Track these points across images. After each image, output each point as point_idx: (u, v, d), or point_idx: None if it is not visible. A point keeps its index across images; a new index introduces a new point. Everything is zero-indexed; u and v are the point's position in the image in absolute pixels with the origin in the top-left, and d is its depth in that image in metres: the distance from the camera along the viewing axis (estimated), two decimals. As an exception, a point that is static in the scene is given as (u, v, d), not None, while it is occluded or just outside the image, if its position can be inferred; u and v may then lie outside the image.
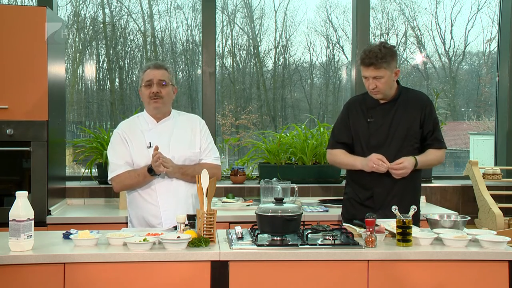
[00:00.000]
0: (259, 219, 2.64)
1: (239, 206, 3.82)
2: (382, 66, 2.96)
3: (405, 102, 3.11)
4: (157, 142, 3.03)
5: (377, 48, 2.98)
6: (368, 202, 3.11)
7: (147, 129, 3.10)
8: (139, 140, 3.07)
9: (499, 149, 4.82)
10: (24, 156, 3.53)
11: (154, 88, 3.03)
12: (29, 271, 2.37)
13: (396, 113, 3.09)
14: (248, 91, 5.26)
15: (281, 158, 4.37)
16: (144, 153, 3.04)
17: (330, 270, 2.48)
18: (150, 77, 3.05)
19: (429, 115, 3.10)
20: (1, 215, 3.13)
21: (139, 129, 3.10)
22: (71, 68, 4.96)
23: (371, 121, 3.11)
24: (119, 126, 3.17)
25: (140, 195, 3.06)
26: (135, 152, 3.05)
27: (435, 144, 3.11)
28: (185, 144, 3.10)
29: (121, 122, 3.22)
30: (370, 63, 2.96)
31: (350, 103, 3.24)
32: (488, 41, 5.22)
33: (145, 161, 3.01)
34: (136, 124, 3.13)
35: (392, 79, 3.03)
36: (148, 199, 3.05)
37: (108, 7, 4.98)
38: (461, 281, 2.51)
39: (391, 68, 3.00)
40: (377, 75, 2.98)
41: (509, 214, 4.15)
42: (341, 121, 3.21)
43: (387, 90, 3.04)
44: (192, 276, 2.43)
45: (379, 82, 2.99)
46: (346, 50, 5.17)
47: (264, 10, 5.12)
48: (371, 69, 2.98)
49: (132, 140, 3.07)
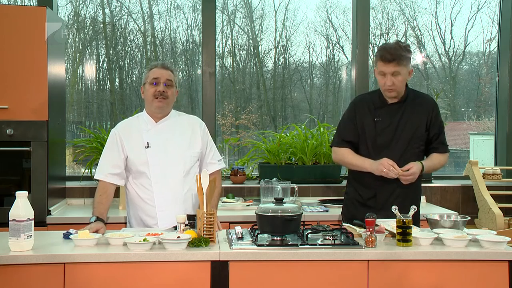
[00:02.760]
0: (259, 219, 2.64)
1: (239, 206, 3.82)
2: (402, 62, 2.95)
3: (412, 104, 3.10)
4: (155, 142, 3.03)
5: (397, 45, 2.99)
6: (370, 202, 3.10)
7: (146, 129, 3.09)
8: (137, 140, 3.06)
9: (499, 149, 4.83)
10: (24, 156, 3.53)
11: (161, 87, 3.01)
12: (29, 271, 2.37)
13: (404, 115, 3.08)
14: (248, 91, 5.26)
15: (281, 158, 4.37)
16: (142, 153, 3.03)
17: (330, 270, 2.48)
18: (157, 75, 3.03)
19: (436, 119, 3.11)
20: (1, 215, 3.13)
21: (137, 129, 3.10)
22: (71, 68, 4.96)
23: (378, 121, 3.09)
24: (117, 126, 3.16)
25: (138, 194, 3.06)
26: (132, 152, 3.04)
27: (440, 148, 3.12)
28: (185, 144, 3.09)
29: (120, 122, 3.21)
30: (392, 59, 2.94)
31: (358, 101, 3.21)
32: (488, 41, 5.23)
33: (142, 161, 3.01)
34: (135, 124, 3.13)
35: (407, 78, 3.03)
36: (145, 199, 3.05)
37: (108, 7, 4.98)
38: (461, 281, 2.51)
39: (408, 66, 3.01)
40: (397, 71, 2.95)
41: (509, 214, 4.15)
42: (348, 118, 3.17)
43: (401, 88, 3.04)
44: (192, 276, 2.43)
45: (397, 79, 2.97)
46: (346, 50, 5.17)
47: (264, 10, 5.13)
48: (392, 65, 2.95)
49: (128, 140, 3.06)
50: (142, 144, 3.05)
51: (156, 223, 3.01)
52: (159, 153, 3.03)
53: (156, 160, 3.02)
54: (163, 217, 2.99)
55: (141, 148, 3.04)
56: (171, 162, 3.03)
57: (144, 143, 3.04)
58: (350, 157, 3.13)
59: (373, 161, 3.02)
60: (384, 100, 3.11)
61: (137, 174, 3.05)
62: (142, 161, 3.02)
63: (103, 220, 2.89)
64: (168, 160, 3.03)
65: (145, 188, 3.03)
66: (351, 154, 3.13)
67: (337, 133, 3.23)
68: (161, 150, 3.02)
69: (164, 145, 3.04)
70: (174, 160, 3.04)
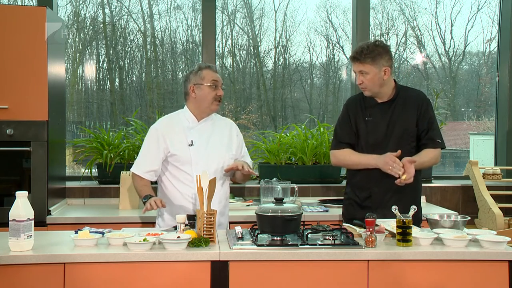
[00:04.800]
0: (259, 219, 2.64)
1: (239, 206, 3.82)
2: (366, 61, 3.01)
3: (403, 101, 3.10)
4: (198, 140, 3.09)
5: (366, 44, 3.05)
6: (366, 202, 3.11)
7: (189, 126, 3.13)
8: (180, 137, 3.10)
9: (499, 149, 4.82)
10: (24, 156, 3.53)
11: (220, 91, 3.12)
12: (29, 271, 2.37)
13: (394, 112, 3.09)
14: (248, 91, 5.26)
15: (281, 158, 4.37)
16: (186, 150, 3.07)
17: (330, 270, 2.48)
18: (216, 78, 3.12)
19: (424, 114, 3.08)
20: (1, 215, 3.13)
21: (180, 126, 3.14)
22: (71, 68, 4.96)
23: (369, 120, 3.11)
24: (158, 122, 3.20)
25: (177, 190, 3.09)
26: (176, 149, 3.08)
27: (429, 144, 3.08)
28: (223, 146, 3.16)
29: (161, 118, 3.25)
30: (355, 59, 3.05)
31: (349, 103, 3.24)
32: (488, 41, 5.23)
33: (187, 158, 3.06)
34: (177, 121, 3.16)
35: (379, 77, 3.03)
36: (185, 195, 3.07)
37: (108, 7, 4.98)
38: (461, 281, 2.51)
39: (378, 65, 3.01)
40: (362, 70, 3.03)
41: (509, 214, 4.15)
42: (343, 120, 3.20)
43: (373, 87, 3.05)
44: (192, 276, 2.43)
45: (365, 78, 3.03)
46: (346, 50, 5.17)
47: (264, 10, 5.13)
48: (356, 64, 3.05)
49: (172, 137, 3.10)
50: (186, 141, 3.09)
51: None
52: (201, 151, 3.08)
53: (198, 157, 3.07)
54: None
55: (185, 145, 3.08)
56: (212, 160, 3.09)
57: (188, 141, 3.09)
58: (352, 157, 3.12)
59: (378, 156, 3.00)
60: (374, 99, 3.12)
61: (178, 170, 3.08)
62: (186, 158, 3.06)
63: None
64: (209, 159, 3.08)
65: (186, 185, 3.07)
66: (352, 153, 3.13)
67: (334, 136, 3.24)
68: (203, 148, 3.08)
69: (206, 144, 3.10)
70: (214, 159, 3.10)
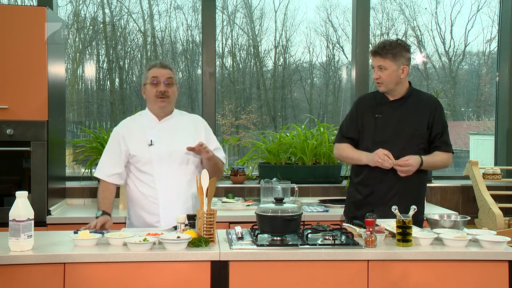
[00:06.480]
0: (259, 219, 2.64)
1: (239, 206, 3.82)
2: (387, 57, 3.04)
3: (415, 102, 3.13)
4: (159, 140, 3.04)
5: (389, 41, 3.11)
6: (368, 199, 3.12)
7: (149, 127, 3.10)
8: (140, 138, 3.07)
9: (499, 149, 4.83)
10: (24, 156, 3.53)
11: (161, 87, 3.04)
12: (29, 271, 2.37)
13: (405, 112, 3.11)
14: (248, 91, 5.26)
15: (281, 158, 4.37)
16: (145, 150, 3.04)
17: (330, 270, 2.48)
18: (157, 74, 3.05)
19: (439, 118, 3.12)
20: (1, 215, 3.13)
21: (140, 126, 3.11)
22: (71, 68, 4.96)
23: (379, 117, 3.14)
24: (119, 124, 3.18)
25: (140, 191, 3.06)
26: (135, 149, 3.05)
27: (443, 146, 3.12)
28: (188, 143, 3.10)
29: (122, 120, 3.23)
30: (376, 53, 3.07)
31: (360, 99, 3.30)
32: (488, 41, 5.23)
33: (146, 158, 3.03)
34: (137, 122, 3.14)
35: (397, 74, 3.06)
36: (148, 196, 3.05)
37: (108, 7, 4.98)
38: (461, 281, 2.51)
39: (397, 62, 3.05)
40: (381, 65, 3.05)
41: (509, 214, 4.15)
42: (350, 116, 3.26)
43: (390, 83, 3.07)
44: (192, 276, 2.43)
45: (383, 73, 3.06)
46: (346, 50, 5.17)
47: (264, 10, 5.13)
48: (376, 59, 3.08)
49: (131, 138, 3.08)
50: (145, 142, 3.06)
51: (158, 220, 3.02)
52: (162, 151, 3.04)
53: (159, 157, 3.03)
54: (165, 214, 3.00)
55: (145, 145, 3.05)
56: (174, 160, 3.05)
57: (148, 141, 3.05)
58: (348, 151, 3.20)
59: (369, 153, 3.07)
60: (386, 97, 3.15)
61: (140, 171, 3.06)
62: (146, 158, 3.03)
63: (109, 214, 2.95)
64: (171, 158, 3.04)
65: (148, 186, 3.04)
66: (349, 148, 3.19)
67: (339, 130, 3.32)
68: (164, 148, 3.03)
69: (168, 143, 3.05)
70: (177, 158, 3.05)
